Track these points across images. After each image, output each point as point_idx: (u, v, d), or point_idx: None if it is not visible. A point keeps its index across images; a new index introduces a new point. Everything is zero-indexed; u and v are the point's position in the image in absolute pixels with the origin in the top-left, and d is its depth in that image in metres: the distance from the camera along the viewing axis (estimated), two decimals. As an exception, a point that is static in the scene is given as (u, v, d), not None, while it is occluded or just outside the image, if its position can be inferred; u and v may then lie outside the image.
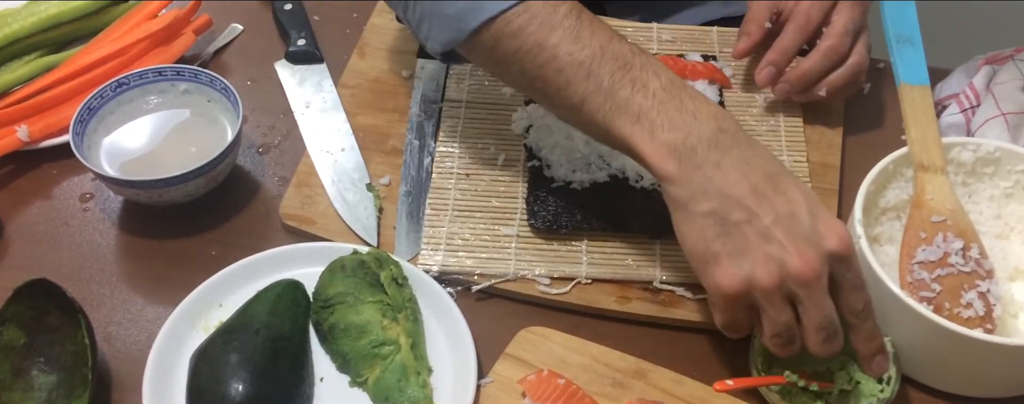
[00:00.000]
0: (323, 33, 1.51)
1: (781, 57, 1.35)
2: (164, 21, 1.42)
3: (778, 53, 1.35)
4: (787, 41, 1.35)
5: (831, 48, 1.31)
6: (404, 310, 1.14)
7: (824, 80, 1.33)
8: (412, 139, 1.35)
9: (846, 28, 1.31)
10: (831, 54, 1.31)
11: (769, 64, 1.35)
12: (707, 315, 1.18)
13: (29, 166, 1.35)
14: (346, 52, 1.47)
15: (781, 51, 1.35)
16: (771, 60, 1.35)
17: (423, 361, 1.13)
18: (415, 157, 1.33)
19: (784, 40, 1.35)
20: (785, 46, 1.35)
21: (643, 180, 1.27)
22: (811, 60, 1.32)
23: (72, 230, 1.29)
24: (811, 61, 1.32)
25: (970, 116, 1.33)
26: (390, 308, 1.14)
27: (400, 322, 1.14)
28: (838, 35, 1.31)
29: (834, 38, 1.31)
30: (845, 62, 1.33)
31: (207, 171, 1.23)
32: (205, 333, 1.14)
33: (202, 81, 1.32)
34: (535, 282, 1.21)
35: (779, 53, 1.35)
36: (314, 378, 1.14)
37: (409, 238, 1.24)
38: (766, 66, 1.35)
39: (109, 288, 1.23)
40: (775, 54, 1.35)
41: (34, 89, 1.37)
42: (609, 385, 1.11)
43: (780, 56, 1.35)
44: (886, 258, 1.18)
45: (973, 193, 1.23)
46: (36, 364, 1.12)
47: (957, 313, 1.10)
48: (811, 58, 1.32)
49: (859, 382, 1.10)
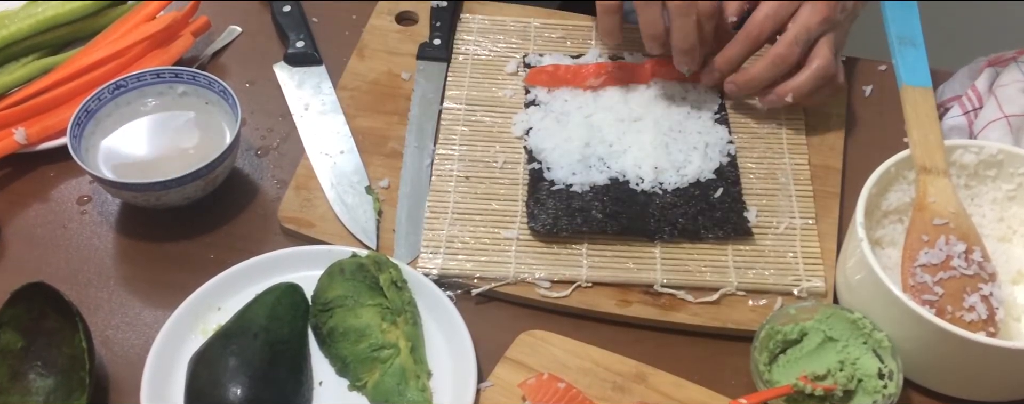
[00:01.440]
0: (322, 35, 1.50)
1: (726, 66, 1.34)
2: (162, 23, 1.41)
3: (723, 61, 1.34)
4: (733, 51, 1.33)
5: (778, 56, 1.29)
6: (403, 314, 1.14)
7: (788, 86, 1.31)
8: (411, 142, 1.35)
9: (797, 38, 1.28)
10: (778, 62, 1.29)
11: (714, 70, 1.35)
12: (709, 319, 1.19)
13: (26, 169, 1.34)
14: (345, 54, 1.46)
15: (726, 60, 1.34)
16: (716, 66, 1.34)
17: (422, 365, 1.12)
18: (414, 160, 1.33)
19: (730, 49, 1.33)
20: (730, 56, 1.33)
21: (643, 182, 1.27)
22: (757, 67, 1.31)
23: (70, 233, 1.28)
24: (757, 68, 1.31)
25: (973, 118, 1.33)
26: (389, 311, 1.14)
27: (399, 326, 1.13)
28: (787, 44, 1.28)
29: (783, 46, 1.29)
30: (801, 69, 1.30)
31: (205, 174, 1.22)
32: (203, 337, 1.14)
33: (200, 83, 1.32)
34: (535, 285, 1.21)
35: (724, 61, 1.34)
36: (313, 382, 1.13)
37: (408, 241, 1.24)
38: (711, 70, 1.35)
39: (107, 291, 1.23)
40: (720, 61, 1.34)
41: (32, 91, 1.37)
42: (609, 389, 1.11)
43: (725, 65, 1.34)
44: (888, 261, 1.18)
45: (975, 196, 1.23)
46: (33, 368, 1.12)
47: (959, 316, 1.09)
48: (758, 65, 1.31)
49: (861, 380, 1.09)
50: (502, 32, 1.49)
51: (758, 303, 1.20)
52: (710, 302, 1.20)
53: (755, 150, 1.35)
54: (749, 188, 1.30)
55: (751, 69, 1.32)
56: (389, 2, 1.53)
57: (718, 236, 1.24)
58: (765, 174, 1.32)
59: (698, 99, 1.37)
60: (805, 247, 1.25)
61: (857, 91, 1.45)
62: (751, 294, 1.21)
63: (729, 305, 1.20)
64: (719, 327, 1.19)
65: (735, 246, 1.24)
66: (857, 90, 1.45)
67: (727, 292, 1.21)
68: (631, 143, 1.31)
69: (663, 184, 1.28)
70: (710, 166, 1.30)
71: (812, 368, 1.10)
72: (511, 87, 1.41)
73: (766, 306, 1.20)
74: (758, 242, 1.25)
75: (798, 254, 1.24)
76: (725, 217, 1.25)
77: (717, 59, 1.34)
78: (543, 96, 1.38)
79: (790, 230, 1.26)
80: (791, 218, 1.27)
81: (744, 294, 1.21)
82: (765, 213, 1.28)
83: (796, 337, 1.13)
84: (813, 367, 1.10)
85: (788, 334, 1.13)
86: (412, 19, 1.52)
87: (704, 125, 1.34)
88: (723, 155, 1.32)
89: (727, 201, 1.27)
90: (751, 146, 1.35)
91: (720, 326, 1.19)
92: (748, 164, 1.33)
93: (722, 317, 1.19)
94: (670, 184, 1.28)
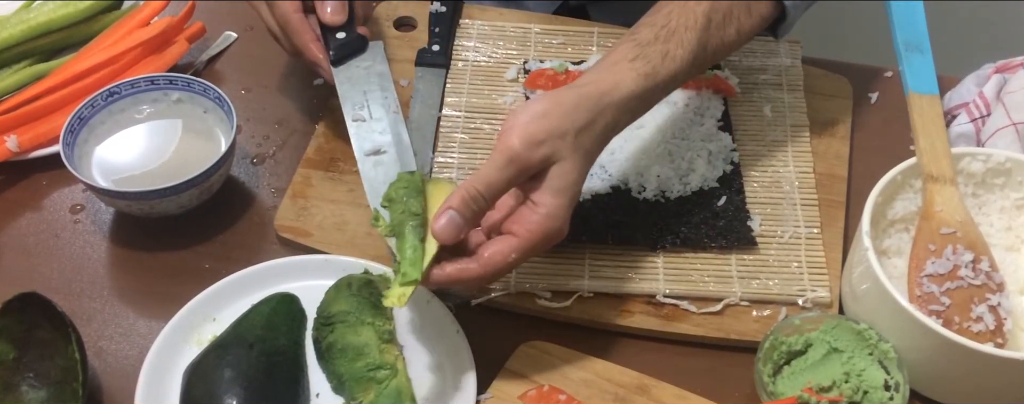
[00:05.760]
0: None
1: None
2: (156, 29, 1.40)
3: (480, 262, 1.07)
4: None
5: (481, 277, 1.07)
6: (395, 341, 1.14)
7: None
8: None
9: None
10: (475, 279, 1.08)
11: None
12: (712, 330, 1.18)
13: (19, 177, 1.34)
14: (343, 60, 1.45)
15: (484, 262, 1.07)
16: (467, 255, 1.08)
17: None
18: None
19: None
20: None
21: (646, 191, 1.26)
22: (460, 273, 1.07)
23: (62, 242, 1.28)
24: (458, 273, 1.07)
25: (980, 126, 1.32)
26: (389, 332, 1.12)
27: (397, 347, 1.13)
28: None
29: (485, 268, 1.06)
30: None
31: (200, 182, 1.21)
32: (198, 347, 1.13)
33: (195, 90, 1.31)
34: (536, 296, 1.20)
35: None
36: (310, 393, 1.13)
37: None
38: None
39: (100, 302, 1.22)
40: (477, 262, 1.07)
41: (24, 98, 1.36)
42: (611, 401, 1.11)
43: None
44: (894, 271, 1.18)
45: (983, 204, 1.23)
46: (26, 379, 1.11)
47: (967, 327, 1.09)
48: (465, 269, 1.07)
49: (867, 392, 1.09)
50: (502, 38, 1.48)
51: (762, 314, 1.20)
52: (713, 313, 1.20)
53: (759, 158, 1.34)
54: (753, 197, 1.29)
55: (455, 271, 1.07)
56: (387, 6, 1.52)
57: (721, 245, 1.24)
58: (769, 182, 1.31)
59: (701, 106, 1.36)
60: (810, 257, 1.24)
61: (863, 98, 1.45)
62: (755, 304, 1.20)
63: (733, 316, 1.20)
64: (722, 338, 1.18)
65: (739, 256, 1.24)
66: (863, 97, 1.45)
67: (730, 302, 1.20)
68: (633, 151, 1.30)
69: (666, 192, 1.27)
70: (714, 174, 1.29)
71: (817, 380, 1.09)
72: (511, 94, 1.40)
73: (770, 317, 1.19)
74: (762, 252, 1.24)
75: (803, 264, 1.23)
76: (729, 226, 1.25)
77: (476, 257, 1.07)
78: (544, 102, 1.37)
79: (795, 239, 1.25)
80: (796, 227, 1.26)
81: (748, 304, 1.20)
82: (769, 222, 1.27)
83: (801, 348, 1.13)
84: (818, 379, 1.09)
85: (792, 345, 1.12)
86: (411, 24, 1.51)
87: (707, 132, 1.33)
88: (727, 163, 1.31)
89: (731, 210, 1.26)
90: (755, 154, 1.34)
91: (723, 337, 1.18)
92: (752, 172, 1.32)
93: (725, 328, 1.19)
94: (673, 192, 1.27)
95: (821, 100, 1.41)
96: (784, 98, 1.40)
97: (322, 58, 1.26)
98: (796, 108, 1.39)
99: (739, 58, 1.44)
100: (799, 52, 1.46)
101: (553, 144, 1.05)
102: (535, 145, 1.04)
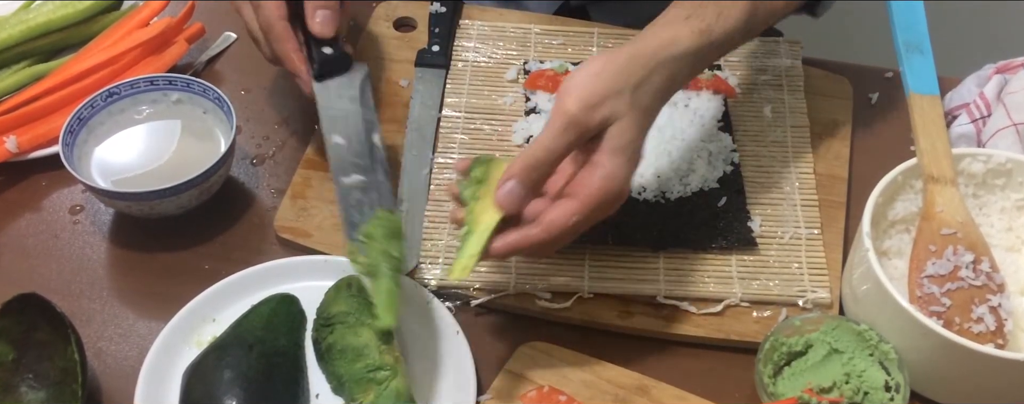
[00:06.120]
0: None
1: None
2: (156, 29, 1.40)
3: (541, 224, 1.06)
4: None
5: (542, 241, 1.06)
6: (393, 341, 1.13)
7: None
8: (410, 150, 1.34)
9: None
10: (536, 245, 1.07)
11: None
12: (712, 330, 1.18)
13: (18, 177, 1.34)
14: (342, 61, 1.45)
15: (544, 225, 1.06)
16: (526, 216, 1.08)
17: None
18: (413, 169, 1.32)
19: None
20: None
21: (646, 192, 1.26)
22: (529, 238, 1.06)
23: (62, 243, 1.27)
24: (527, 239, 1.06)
25: (981, 126, 1.32)
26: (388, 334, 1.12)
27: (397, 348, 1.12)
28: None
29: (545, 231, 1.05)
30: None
31: (200, 183, 1.21)
32: (198, 348, 1.13)
33: (195, 91, 1.31)
34: (536, 296, 1.20)
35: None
36: (309, 395, 1.13)
37: (407, 251, 1.22)
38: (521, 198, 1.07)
39: (100, 302, 1.22)
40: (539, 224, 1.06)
41: (23, 99, 1.36)
42: (611, 401, 1.11)
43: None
44: (895, 272, 1.18)
45: (984, 205, 1.22)
46: (25, 380, 1.11)
47: (967, 328, 1.09)
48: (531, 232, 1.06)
49: (868, 393, 1.09)
50: (502, 38, 1.47)
51: (762, 314, 1.19)
52: (714, 313, 1.19)
53: (760, 159, 1.34)
54: (753, 197, 1.29)
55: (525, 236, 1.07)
56: (387, 6, 1.51)
57: (722, 246, 1.23)
58: (770, 183, 1.31)
59: (701, 106, 1.36)
60: (810, 257, 1.24)
61: (863, 99, 1.44)
62: (755, 305, 1.20)
63: (733, 316, 1.20)
64: (723, 339, 1.18)
65: (739, 256, 1.24)
66: (863, 98, 1.45)
67: (731, 303, 1.20)
68: (633, 151, 1.29)
69: (666, 193, 1.27)
70: (714, 175, 1.29)
71: (817, 381, 1.09)
72: (511, 94, 1.40)
73: (770, 317, 1.19)
74: (762, 252, 1.24)
75: (803, 265, 1.23)
76: (729, 227, 1.25)
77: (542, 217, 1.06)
78: (544, 104, 1.37)
79: (795, 240, 1.25)
80: (796, 228, 1.26)
81: (748, 305, 1.20)
82: (770, 223, 1.27)
83: (801, 349, 1.12)
84: (818, 379, 1.09)
85: (793, 346, 1.12)
86: (410, 25, 1.50)
87: (708, 133, 1.33)
88: (727, 164, 1.30)
89: (731, 211, 1.26)
90: (755, 154, 1.34)
91: (724, 338, 1.18)
92: (752, 173, 1.32)
93: (726, 329, 1.19)
94: (673, 193, 1.27)
95: (821, 101, 1.41)
96: (784, 99, 1.40)
97: (304, 69, 1.21)
98: (796, 109, 1.39)
99: (739, 58, 1.44)
100: (799, 52, 1.46)
101: (610, 104, 1.04)
102: (592, 107, 1.03)
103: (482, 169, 1.08)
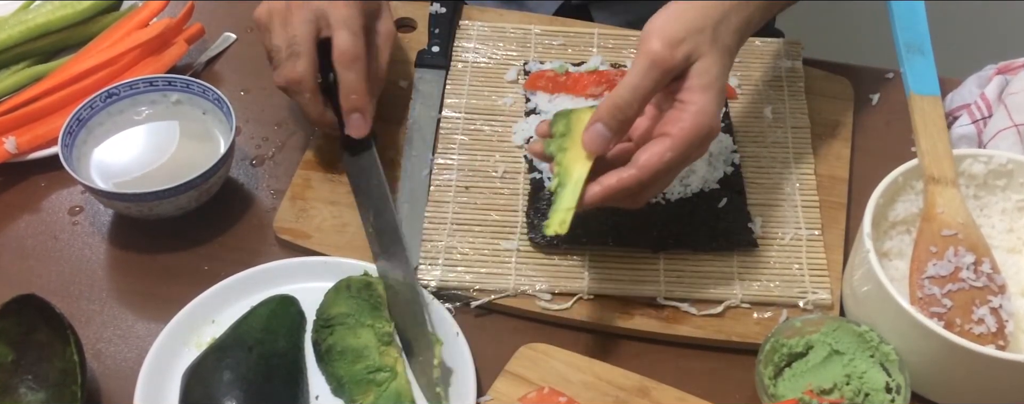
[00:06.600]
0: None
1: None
2: (155, 30, 1.40)
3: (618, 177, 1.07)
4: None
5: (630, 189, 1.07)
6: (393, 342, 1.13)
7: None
8: (409, 151, 1.33)
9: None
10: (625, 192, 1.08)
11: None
12: (713, 332, 1.18)
13: (17, 178, 1.33)
14: (342, 61, 1.45)
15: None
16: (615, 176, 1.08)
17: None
18: (413, 169, 1.31)
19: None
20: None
21: (646, 193, 1.26)
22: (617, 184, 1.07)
23: (61, 244, 1.27)
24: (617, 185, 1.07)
25: (982, 127, 1.32)
26: (388, 334, 1.12)
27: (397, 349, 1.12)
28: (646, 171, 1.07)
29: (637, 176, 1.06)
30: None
31: (199, 184, 1.21)
32: (197, 350, 1.13)
33: (194, 91, 1.30)
34: (536, 298, 1.20)
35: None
36: (309, 396, 1.12)
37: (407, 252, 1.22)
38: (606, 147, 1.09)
39: (99, 304, 1.22)
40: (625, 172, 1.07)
41: (22, 100, 1.36)
42: (612, 403, 1.10)
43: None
44: (896, 273, 1.17)
45: (984, 206, 1.22)
46: (24, 382, 1.11)
47: (968, 329, 1.08)
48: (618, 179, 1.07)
49: (868, 394, 1.09)
50: (502, 39, 1.47)
51: (763, 316, 1.19)
52: (714, 315, 1.19)
53: (760, 159, 1.33)
54: (754, 198, 1.29)
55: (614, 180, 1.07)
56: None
57: (722, 247, 1.23)
58: (770, 184, 1.31)
59: (701, 107, 1.36)
60: (811, 258, 1.24)
61: (864, 99, 1.44)
62: (756, 306, 1.20)
63: (733, 318, 1.19)
64: (723, 340, 1.18)
65: (740, 257, 1.23)
66: (864, 98, 1.44)
67: (731, 304, 1.20)
68: (633, 152, 1.29)
69: (666, 194, 1.26)
70: (715, 175, 1.28)
71: (818, 382, 1.09)
72: (511, 95, 1.40)
73: (771, 319, 1.19)
74: (763, 253, 1.24)
75: (804, 266, 1.23)
76: (730, 228, 1.24)
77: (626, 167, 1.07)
78: (544, 104, 1.36)
79: (796, 241, 1.25)
80: (797, 229, 1.26)
81: (749, 306, 1.20)
82: (770, 224, 1.26)
83: (802, 350, 1.12)
84: (819, 381, 1.09)
85: (793, 347, 1.12)
86: (410, 25, 1.50)
87: (708, 134, 1.33)
88: (727, 164, 1.30)
89: (732, 211, 1.26)
90: (756, 155, 1.34)
91: (724, 339, 1.18)
92: (753, 174, 1.32)
93: (726, 330, 1.18)
94: (673, 194, 1.26)
95: (822, 101, 1.41)
96: (785, 99, 1.40)
97: (336, 124, 1.27)
98: (797, 110, 1.39)
99: (739, 59, 1.43)
100: (800, 53, 1.46)
101: (693, 41, 1.05)
102: (675, 44, 1.05)
103: (564, 122, 1.10)
